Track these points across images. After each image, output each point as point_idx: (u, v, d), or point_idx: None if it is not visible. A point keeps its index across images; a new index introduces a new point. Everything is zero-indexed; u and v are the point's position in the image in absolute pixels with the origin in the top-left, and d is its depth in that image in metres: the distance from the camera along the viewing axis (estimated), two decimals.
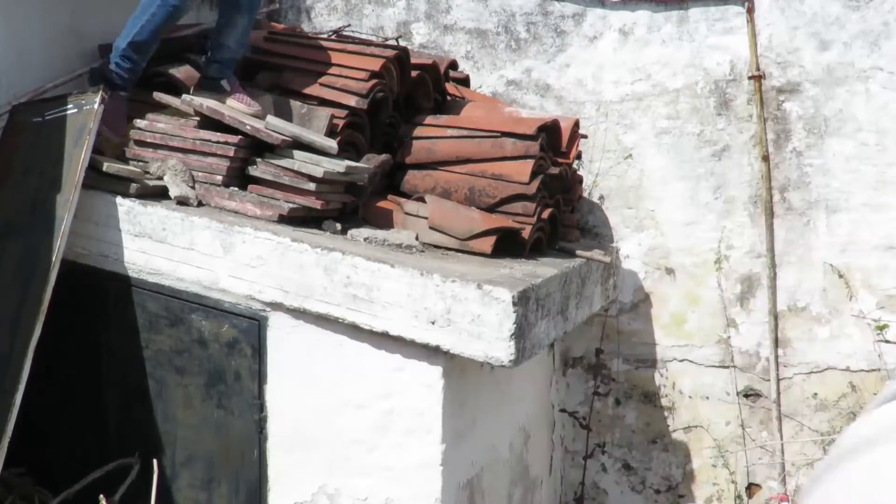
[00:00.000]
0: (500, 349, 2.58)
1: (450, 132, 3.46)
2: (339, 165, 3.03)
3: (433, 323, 2.62)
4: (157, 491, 2.83)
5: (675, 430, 4.05)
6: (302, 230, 2.93)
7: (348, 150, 3.33)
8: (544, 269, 3.05)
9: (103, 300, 3.07)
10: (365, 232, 3.03)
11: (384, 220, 3.25)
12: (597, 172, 4.06)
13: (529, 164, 3.30)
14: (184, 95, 3.20)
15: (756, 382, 3.91)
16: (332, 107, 3.32)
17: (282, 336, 2.85)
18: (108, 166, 2.97)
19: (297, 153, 3.04)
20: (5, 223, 2.98)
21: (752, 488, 3.96)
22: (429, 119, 3.56)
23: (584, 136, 3.94)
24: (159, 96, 3.20)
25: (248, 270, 2.82)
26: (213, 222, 2.86)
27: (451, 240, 3.14)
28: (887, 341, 3.70)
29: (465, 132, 3.45)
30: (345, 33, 4.24)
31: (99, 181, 2.98)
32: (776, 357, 3.86)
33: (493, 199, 3.29)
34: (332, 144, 3.14)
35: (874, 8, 3.68)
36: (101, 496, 2.79)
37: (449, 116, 3.62)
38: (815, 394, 3.83)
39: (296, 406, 2.86)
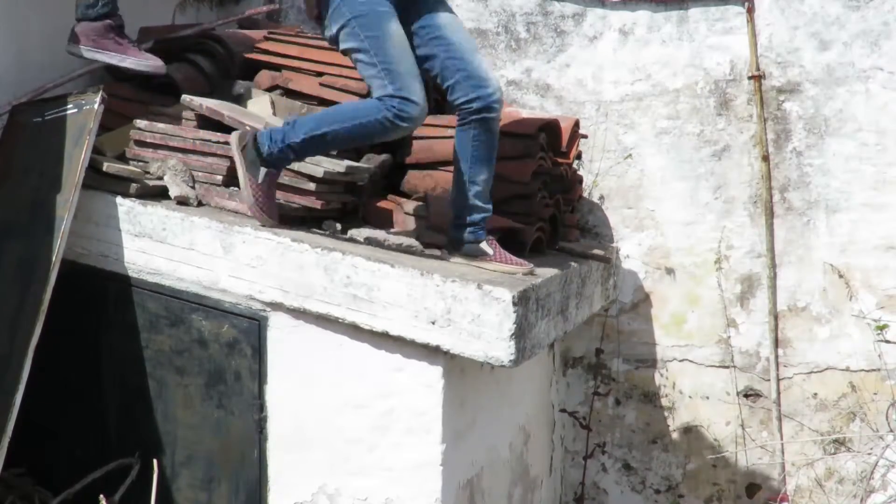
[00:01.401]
0: (500, 349, 2.58)
1: (450, 132, 3.45)
2: (339, 165, 3.03)
3: (433, 323, 2.62)
4: (157, 491, 2.83)
5: (675, 430, 4.05)
6: (302, 230, 2.93)
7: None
8: (544, 269, 3.05)
9: (103, 300, 3.07)
10: (365, 232, 3.03)
11: (384, 220, 3.25)
12: (597, 172, 4.06)
13: (529, 164, 3.30)
14: (184, 96, 3.20)
15: (756, 382, 3.92)
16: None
17: (282, 336, 2.85)
18: (109, 166, 2.97)
19: None
20: (5, 223, 2.98)
21: (752, 488, 3.96)
22: (429, 119, 3.54)
23: (584, 136, 3.94)
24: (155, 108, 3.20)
25: (248, 270, 2.82)
26: (213, 222, 2.86)
27: None
28: (887, 341, 3.71)
29: None
30: None
31: (99, 181, 2.98)
32: (776, 357, 3.86)
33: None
34: None
35: (874, 8, 3.68)
36: (101, 496, 2.79)
37: (449, 116, 3.61)
38: (815, 394, 3.83)
39: (296, 406, 2.86)
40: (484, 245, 2.85)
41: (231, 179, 3.07)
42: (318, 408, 2.84)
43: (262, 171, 2.81)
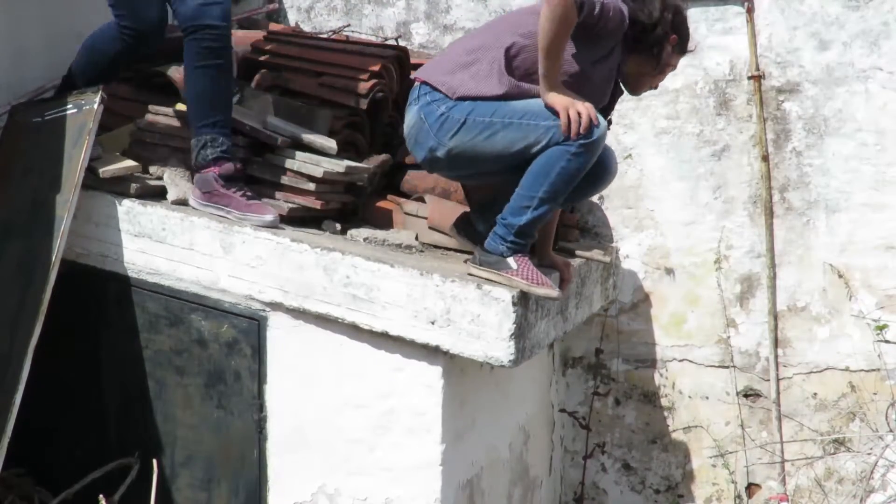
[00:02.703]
0: (500, 349, 2.58)
1: None
2: (339, 165, 3.03)
3: (433, 323, 2.62)
4: (157, 491, 2.83)
5: (674, 430, 4.05)
6: (302, 230, 2.93)
7: (348, 150, 3.34)
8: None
9: (103, 300, 3.07)
10: (365, 232, 3.03)
11: (384, 220, 3.25)
12: None
13: None
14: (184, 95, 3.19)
15: (756, 382, 3.91)
16: (332, 107, 3.32)
17: (282, 336, 2.85)
18: (105, 171, 2.97)
19: (296, 153, 3.04)
20: (5, 223, 2.98)
21: (751, 488, 3.96)
22: None
23: None
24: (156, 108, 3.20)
25: (248, 270, 2.82)
26: (212, 222, 2.86)
27: (451, 240, 3.14)
28: (887, 341, 3.70)
29: None
30: (345, 33, 4.24)
31: (99, 181, 2.98)
32: (776, 357, 3.86)
33: None
34: (331, 144, 3.14)
35: (874, 8, 3.68)
36: (101, 496, 2.79)
37: None
38: (815, 394, 3.83)
39: (295, 406, 2.86)
40: (511, 260, 2.64)
41: None
42: (318, 408, 2.84)
43: (509, 260, 2.65)
